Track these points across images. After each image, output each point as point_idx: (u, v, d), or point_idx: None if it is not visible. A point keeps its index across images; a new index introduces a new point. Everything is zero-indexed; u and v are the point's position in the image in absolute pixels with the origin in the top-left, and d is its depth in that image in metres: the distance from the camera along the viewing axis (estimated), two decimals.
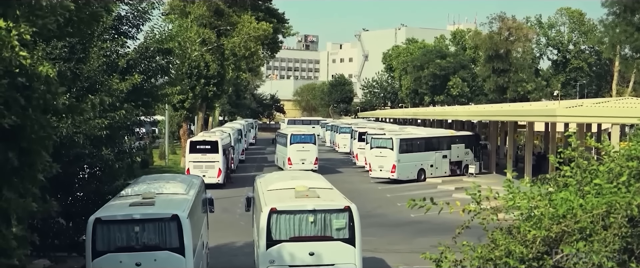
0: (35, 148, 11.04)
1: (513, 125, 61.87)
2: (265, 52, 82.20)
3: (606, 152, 10.66)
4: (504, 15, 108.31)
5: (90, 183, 24.43)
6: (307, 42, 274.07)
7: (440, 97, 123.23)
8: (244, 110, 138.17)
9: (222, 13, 64.51)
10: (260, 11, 76.53)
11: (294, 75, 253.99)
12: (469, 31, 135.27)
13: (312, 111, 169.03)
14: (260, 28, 64.59)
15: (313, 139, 62.06)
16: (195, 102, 64.77)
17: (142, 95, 26.64)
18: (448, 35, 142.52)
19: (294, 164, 58.89)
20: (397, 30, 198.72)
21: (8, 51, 9.49)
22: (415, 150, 57.37)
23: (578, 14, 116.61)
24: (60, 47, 22.20)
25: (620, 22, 79.88)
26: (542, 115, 50.76)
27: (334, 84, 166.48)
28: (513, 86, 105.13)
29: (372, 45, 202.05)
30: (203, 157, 51.62)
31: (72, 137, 21.28)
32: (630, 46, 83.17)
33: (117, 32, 26.50)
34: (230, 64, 69.78)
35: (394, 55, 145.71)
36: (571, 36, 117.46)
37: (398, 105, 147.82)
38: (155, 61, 27.51)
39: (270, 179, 25.96)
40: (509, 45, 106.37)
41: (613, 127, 52.34)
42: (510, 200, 10.20)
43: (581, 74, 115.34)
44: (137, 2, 26.74)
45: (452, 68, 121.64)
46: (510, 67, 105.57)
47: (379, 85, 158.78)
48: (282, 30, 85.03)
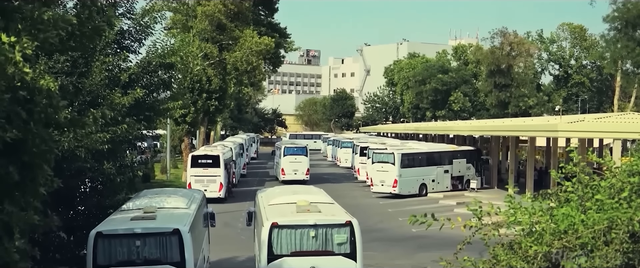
0: (36, 162, 11.03)
1: (514, 140, 61.80)
2: (267, 66, 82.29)
3: (608, 168, 10.65)
4: (506, 31, 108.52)
5: (92, 197, 24.39)
6: (309, 56, 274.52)
7: (441, 112, 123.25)
8: (246, 124, 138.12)
9: (224, 28, 64.63)
10: (262, 26, 76.72)
11: (296, 89, 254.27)
12: (470, 46, 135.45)
13: (314, 126, 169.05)
14: (262, 43, 64.68)
15: (305, 151, 65.77)
16: (197, 116, 64.84)
17: (144, 110, 26.66)
18: (450, 50, 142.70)
19: (287, 174, 63.59)
20: (399, 45, 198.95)
21: (11, 66, 9.50)
22: (417, 165, 57.35)
23: (579, 29, 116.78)
24: (63, 61, 22.24)
25: (622, 38, 80.00)
26: (543, 130, 50.74)
27: (335, 98, 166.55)
28: (515, 101, 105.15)
29: (374, 60, 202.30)
30: (205, 171, 51.64)
31: (73, 151, 21.27)
32: (631, 61, 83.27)
33: (120, 46, 26.55)
34: (232, 79, 69.89)
35: (395, 70, 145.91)
36: (573, 51, 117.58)
37: (400, 120, 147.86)
38: (157, 75, 27.55)
39: (272, 194, 25.95)
40: (510, 60, 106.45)
41: (614, 142, 52.34)
42: (511, 216, 10.18)
43: (583, 89, 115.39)
44: (140, 16, 26.82)
45: (453, 83, 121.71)
46: (511, 82, 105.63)
47: (381, 99, 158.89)
48: (284, 44, 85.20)
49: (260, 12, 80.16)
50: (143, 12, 27.11)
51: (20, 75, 9.73)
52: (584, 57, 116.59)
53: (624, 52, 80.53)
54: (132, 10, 26.60)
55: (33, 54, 10.38)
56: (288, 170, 64.15)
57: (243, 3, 64.71)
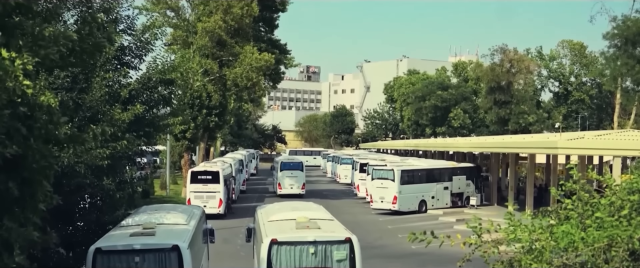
0: (36, 178, 11.04)
1: (514, 157, 61.77)
2: (267, 82, 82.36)
3: (608, 185, 10.65)
4: (506, 47, 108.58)
5: (91, 213, 24.36)
6: (309, 73, 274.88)
7: (441, 129, 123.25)
8: (246, 140, 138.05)
9: (224, 44, 64.71)
10: (262, 42, 76.84)
11: (296, 105, 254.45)
12: (470, 63, 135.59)
13: (314, 142, 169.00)
14: (262, 59, 64.73)
15: (301, 167, 68.52)
16: (197, 132, 64.83)
17: (144, 126, 26.68)
18: (449, 66, 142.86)
19: (284, 189, 66.42)
20: (398, 62, 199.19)
21: (12, 81, 9.51)
22: (417, 182, 57.31)
23: (579, 46, 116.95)
24: (63, 76, 22.28)
25: (622, 55, 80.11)
26: (543, 147, 50.73)
27: (335, 114, 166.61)
28: (514, 118, 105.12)
29: (373, 76, 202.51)
30: (204, 187, 51.58)
31: (73, 167, 21.27)
32: (631, 79, 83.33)
33: (120, 62, 26.60)
34: (232, 95, 69.93)
35: (395, 87, 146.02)
36: (572, 68, 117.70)
37: (399, 136, 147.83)
38: (157, 91, 27.60)
39: (271, 210, 25.91)
40: (510, 77, 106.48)
41: (614, 159, 52.28)
42: (511, 233, 10.17)
43: (583, 106, 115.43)
44: (140, 32, 26.87)
45: (453, 99, 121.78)
46: (511, 99, 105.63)
47: (381, 116, 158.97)
48: (284, 61, 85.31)
49: (260, 29, 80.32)
50: (143, 28, 27.18)
51: (21, 91, 9.75)
52: (583, 74, 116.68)
53: (623, 70, 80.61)
54: (133, 27, 26.65)
55: (33, 69, 10.40)
56: (284, 184, 66.80)
57: (243, 19, 64.79)
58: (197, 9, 67.45)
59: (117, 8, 25.13)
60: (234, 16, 63.73)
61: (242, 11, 64.20)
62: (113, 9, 24.65)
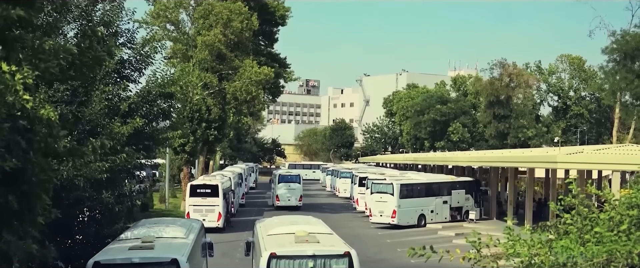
0: (35, 191, 11.04)
1: (513, 171, 61.74)
2: (267, 96, 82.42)
3: (607, 200, 10.65)
4: (505, 62, 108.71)
5: (90, 226, 24.37)
6: (309, 86, 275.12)
7: (440, 143, 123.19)
8: (245, 154, 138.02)
9: (224, 57, 64.79)
10: (262, 56, 76.98)
11: (295, 119, 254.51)
12: (469, 77, 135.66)
13: (313, 155, 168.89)
14: (262, 72, 64.79)
15: (298, 179, 70.13)
16: (196, 145, 64.82)
17: (144, 139, 26.71)
18: (449, 80, 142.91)
19: (281, 201, 67.79)
20: (398, 76, 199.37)
21: (12, 95, 9.53)
22: (416, 196, 57.24)
23: (578, 60, 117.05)
24: (62, 90, 22.32)
25: (621, 69, 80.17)
26: (542, 161, 50.71)
27: (335, 128, 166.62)
28: (514, 132, 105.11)
29: (373, 90, 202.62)
30: (203, 200, 51.48)
31: (72, 180, 21.29)
32: (630, 93, 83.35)
33: (120, 75, 26.65)
34: (232, 108, 69.98)
35: (394, 101, 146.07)
36: (572, 83, 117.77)
37: (399, 150, 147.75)
38: (156, 105, 27.64)
39: (271, 224, 25.88)
40: (509, 92, 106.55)
41: (613, 174, 52.27)
42: (510, 248, 10.16)
43: (582, 121, 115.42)
44: (140, 46, 26.93)
45: (452, 113, 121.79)
46: (510, 113, 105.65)
47: (380, 130, 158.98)
48: (284, 74, 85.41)
49: (260, 42, 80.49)
50: (143, 41, 27.25)
51: (21, 104, 9.76)
52: (582, 88, 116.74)
53: (622, 84, 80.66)
54: (133, 40, 26.73)
55: (33, 83, 10.41)
56: (282, 196, 68.25)
57: (243, 33, 64.89)
58: (197, 23, 67.56)
59: (117, 21, 25.23)
60: (233, 30, 63.85)
61: (242, 25, 64.33)
62: (113, 23, 24.76)
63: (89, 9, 23.65)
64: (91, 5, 23.84)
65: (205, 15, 65.65)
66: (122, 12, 25.39)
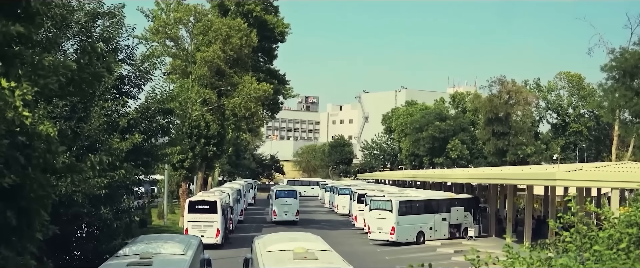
0: (34, 207, 11.02)
1: (512, 189, 61.69)
2: (266, 112, 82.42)
3: (606, 218, 10.63)
4: (504, 79, 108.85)
5: (88, 242, 24.32)
6: (308, 103, 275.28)
7: (439, 159, 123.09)
8: (244, 170, 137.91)
9: (223, 73, 64.85)
10: (261, 72, 77.04)
11: (294, 136, 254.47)
12: (468, 94, 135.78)
13: (312, 172, 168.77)
14: (261, 89, 64.83)
15: (295, 195, 71.50)
16: (195, 161, 64.77)
17: (142, 155, 26.69)
18: (448, 97, 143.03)
19: (278, 215, 69.25)
20: (397, 92, 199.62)
21: (11, 111, 9.52)
22: (415, 213, 57.16)
23: (577, 78, 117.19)
24: (62, 105, 22.33)
25: (620, 87, 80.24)
26: (541, 178, 50.69)
27: (333, 145, 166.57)
28: (513, 149, 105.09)
29: (372, 106, 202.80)
30: (202, 216, 51.39)
31: (71, 196, 21.26)
32: (629, 111, 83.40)
33: (119, 91, 26.67)
34: (231, 124, 70.01)
35: (393, 117, 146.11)
36: (570, 100, 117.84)
37: (397, 167, 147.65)
38: (155, 121, 27.65)
39: (269, 240, 25.81)
40: (508, 109, 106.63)
41: (613, 191, 52.22)
42: (509, 266, 10.14)
43: (581, 138, 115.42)
44: (140, 62, 26.97)
45: (451, 130, 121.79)
46: (509, 130, 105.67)
47: (379, 146, 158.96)
48: (283, 91, 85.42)
49: (259, 59, 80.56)
50: (143, 57, 27.29)
51: (20, 120, 9.75)
52: (581, 105, 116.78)
53: (621, 102, 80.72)
54: (132, 56, 26.76)
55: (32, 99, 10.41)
56: (279, 211, 69.68)
57: (242, 49, 64.99)
58: (196, 39, 67.69)
59: (117, 38, 25.27)
60: (232, 46, 63.95)
61: (241, 41, 64.45)
62: (113, 39, 24.81)
63: (88, 25, 23.70)
64: (91, 22, 23.90)
65: (204, 31, 65.77)
66: (122, 28, 25.44)
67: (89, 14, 24.08)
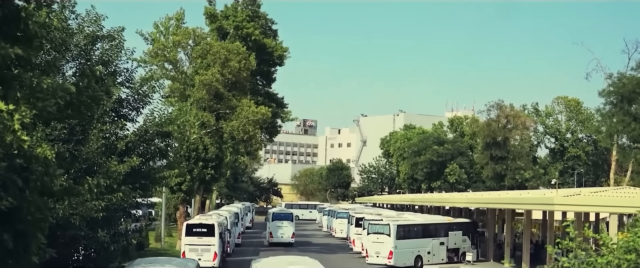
0: (31, 230, 10.98)
1: (511, 213, 61.59)
2: (264, 135, 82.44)
3: (604, 243, 10.61)
4: (502, 103, 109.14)
5: (85, 265, 24.23)
6: (306, 126, 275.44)
7: (437, 183, 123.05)
8: (242, 193, 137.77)
9: (221, 97, 64.87)
10: (259, 95, 77.11)
11: (292, 159, 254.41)
12: (466, 118, 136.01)
13: (310, 195, 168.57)
14: (259, 112, 64.82)
15: (291, 217, 73.33)
16: (193, 184, 64.63)
17: (140, 178, 26.67)
18: (446, 121, 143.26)
19: (275, 237, 70.67)
20: (395, 116, 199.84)
21: (9, 134, 9.51)
22: (413, 237, 57.00)
23: (575, 102, 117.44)
24: (60, 128, 22.33)
25: (618, 112, 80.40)
26: (539, 203, 50.65)
27: (332, 168, 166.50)
28: (511, 174, 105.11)
29: (370, 130, 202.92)
30: (199, 240, 51.23)
31: (68, 219, 21.22)
32: (627, 136, 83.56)
33: (117, 114, 26.69)
34: (229, 147, 69.93)
35: (391, 141, 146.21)
36: (569, 125, 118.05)
37: (396, 190, 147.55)
38: (154, 144, 27.66)
39: (267, 264, 25.75)
40: (506, 133, 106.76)
41: (611, 216, 52.16)
42: None
43: (579, 163, 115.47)
44: (139, 85, 27.01)
45: (449, 154, 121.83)
46: (508, 155, 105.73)
47: (377, 170, 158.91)
48: (281, 114, 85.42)
49: (257, 82, 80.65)
50: (141, 80, 27.33)
51: (18, 143, 9.74)
52: (579, 130, 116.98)
53: (619, 127, 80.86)
54: (131, 79, 26.81)
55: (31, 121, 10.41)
56: (275, 233, 71.07)
57: (241, 73, 65.06)
58: (195, 62, 67.75)
59: (116, 61, 25.33)
60: (231, 69, 64.02)
61: (240, 65, 64.54)
62: (112, 62, 24.86)
63: (88, 48, 23.76)
64: (90, 45, 23.96)
65: (203, 54, 65.86)
66: (121, 51, 25.51)
67: (88, 37, 24.15)
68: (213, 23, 77.63)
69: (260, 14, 79.86)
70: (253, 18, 77.82)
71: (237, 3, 79.48)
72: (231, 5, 79.55)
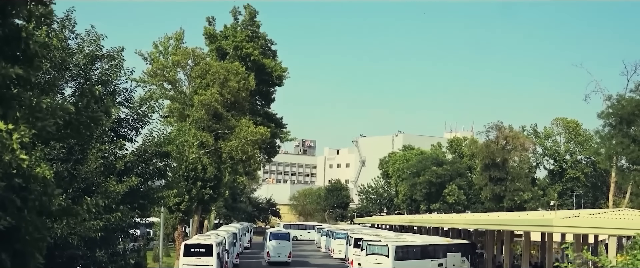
0: (29, 250, 10.96)
1: (509, 235, 61.52)
2: (263, 156, 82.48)
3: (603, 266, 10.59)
4: (501, 124, 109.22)
5: None
6: (305, 146, 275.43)
7: (436, 205, 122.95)
8: (240, 213, 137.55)
9: (220, 117, 64.91)
10: (258, 115, 77.25)
11: (291, 179, 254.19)
12: (465, 139, 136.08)
13: (308, 216, 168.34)
14: (258, 132, 64.88)
15: (288, 237, 75.03)
16: (191, 204, 64.47)
17: (139, 198, 26.64)
18: (445, 142, 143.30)
19: (272, 256, 72.24)
20: (394, 137, 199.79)
21: (8, 154, 9.51)
22: (411, 258, 56.91)
23: (574, 124, 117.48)
24: (59, 147, 22.32)
25: (616, 134, 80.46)
26: (538, 225, 50.62)
27: (330, 189, 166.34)
28: (510, 195, 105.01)
29: (369, 151, 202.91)
30: (197, 260, 51.17)
31: (66, 238, 21.17)
32: (626, 158, 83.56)
33: (116, 134, 26.69)
34: (228, 167, 69.84)
35: (390, 162, 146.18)
36: (568, 146, 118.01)
37: (394, 211, 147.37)
38: (152, 164, 27.64)
39: None
40: (505, 154, 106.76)
41: (610, 238, 52.07)
42: None
43: (578, 184, 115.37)
44: (138, 105, 27.02)
45: (448, 175, 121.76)
46: (506, 176, 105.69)
47: (376, 191, 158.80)
48: (280, 134, 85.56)
49: (257, 102, 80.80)
50: (141, 100, 27.34)
51: (17, 163, 9.73)
52: (578, 152, 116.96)
53: (618, 149, 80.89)
54: (130, 99, 26.82)
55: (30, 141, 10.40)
56: (273, 252, 72.62)
57: (240, 93, 65.16)
58: (194, 82, 67.83)
59: (115, 80, 25.36)
60: (230, 90, 64.11)
61: (239, 85, 64.66)
62: (111, 81, 24.89)
63: (87, 68, 23.79)
64: (90, 64, 23.99)
65: (202, 74, 65.94)
66: (121, 71, 25.54)
67: (88, 56, 24.18)
68: (212, 43, 77.91)
69: (260, 34, 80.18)
70: (252, 38, 78.13)
71: (236, 23, 79.83)
72: (231, 25, 79.88)
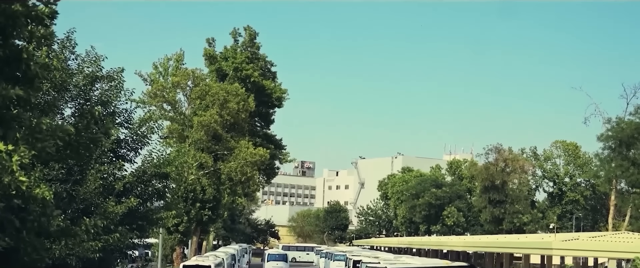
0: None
1: (509, 257, 61.44)
2: (262, 177, 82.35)
3: None
4: (500, 147, 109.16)
5: None
6: (304, 168, 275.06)
7: (435, 227, 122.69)
8: (239, 234, 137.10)
9: (219, 138, 64.93)
10: (257, 137, 77.18)
11: (290, 200, 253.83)
12: (465, 161, 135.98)
13: (307, 237, 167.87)
14: (257, 153, 64.87)
15: (285, 258, 79.04)
16: (190, 225, 64.38)
17: (137, 219, 26.62)
18: (444, 164, 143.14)
19: None
20: (393, 159, 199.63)
21: (8, 176, 9.49)
22: None
23: (573, 147, 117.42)
24: (58, 168, 22.30)
25: (616, 157, 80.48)
26: (538, 247, 50.57)
27: (329, 210, 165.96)
28: (509, 217, 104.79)
29: (368, 173, 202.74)
30: None
31: (64, 259, 21.10)
32: (626, 180, 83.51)
33: (116, 155, 26.69)
34: (227, 189, 69.76)
35: (389, 184, 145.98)
36: (567, 169, 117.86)
37: (393, 233, 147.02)
38: (151, 185, 27.63)
39: None
40: (505, 177, 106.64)
41: (609, 261, 52.01)
42: None
43: (577, 207, 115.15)
44: (137, 126, 27.05)
45: (447, 197, 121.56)
46: (506, 198, 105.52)
47: (374, 213, 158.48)
48: (279, 156, 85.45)
49: (256, 123, 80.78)
50: (140, 121, 27.37)
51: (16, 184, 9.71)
52: (578, 174, 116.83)
53: (618, 171, 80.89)
54: (130, 120, 26.85)
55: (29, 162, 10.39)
56: None
57: (239, 114, 65.21)
58: (193, 103, 67.91)
59: (115, 101, 25.39)
60: (230, 111, 64.18)
61: (239, 106, 64.72)
62: (111, 102, 24.92)
63: (87, 89, 23.82)
64: (90, 85, 24.03)
65: (202, 95, 66.04)
66: (121, 92, 25.59)
67: (88, 77, 24.23)
68: (212, 64, 78.01)
69: (260, 56, 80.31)
70: (252, 60, 78.22)
71: (236, 45, 79.96)
72: (230, 46, 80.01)
